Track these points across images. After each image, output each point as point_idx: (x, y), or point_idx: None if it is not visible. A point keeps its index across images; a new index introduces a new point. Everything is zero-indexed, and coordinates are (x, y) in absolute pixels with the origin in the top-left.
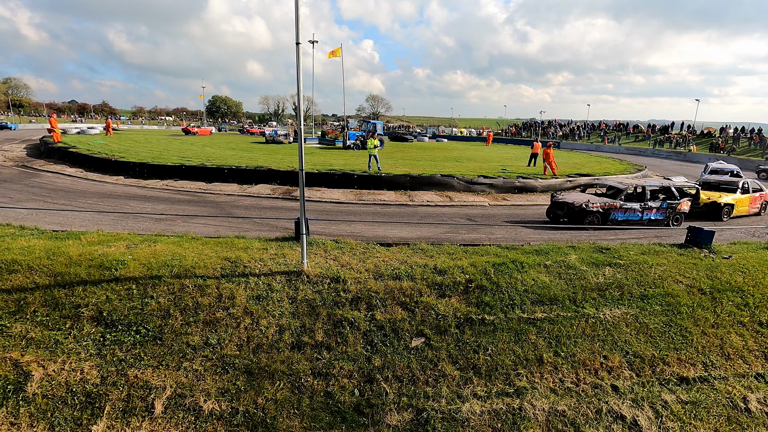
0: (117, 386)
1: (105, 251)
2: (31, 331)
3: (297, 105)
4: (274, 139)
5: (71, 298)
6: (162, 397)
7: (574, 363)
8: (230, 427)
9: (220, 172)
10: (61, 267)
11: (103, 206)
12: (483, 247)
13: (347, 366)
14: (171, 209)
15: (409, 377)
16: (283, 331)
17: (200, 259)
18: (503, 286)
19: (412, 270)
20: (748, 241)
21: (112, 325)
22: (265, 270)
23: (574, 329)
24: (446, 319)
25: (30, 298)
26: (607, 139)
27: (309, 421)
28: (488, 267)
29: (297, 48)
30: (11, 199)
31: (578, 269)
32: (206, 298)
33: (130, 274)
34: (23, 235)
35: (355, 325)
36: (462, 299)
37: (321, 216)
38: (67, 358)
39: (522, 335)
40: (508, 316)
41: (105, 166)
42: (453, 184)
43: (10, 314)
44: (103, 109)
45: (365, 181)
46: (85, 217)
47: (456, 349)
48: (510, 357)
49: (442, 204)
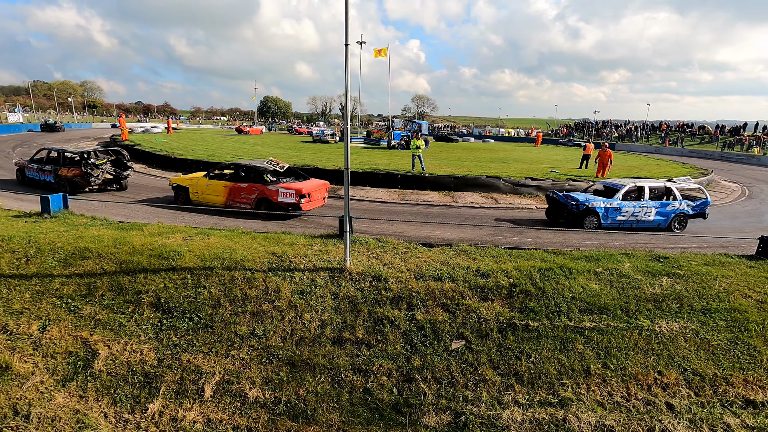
0: (171, 369)
1: (164, 242)
2: (99, 313)
3: (344, 105)
4: (321, 138)
5: (134, 285)
6: (211, 382)
7: (624, 377)
8: (273, 415)
9: None
10: (126, 255)
11: (162, 200)
12: (529, 251)
13: (386, 364)
14: None
15: (448, 379)
16: (325, 326)
17: (249, 253)
18: (549, 292)
19: (455, 271)
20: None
21: (168, 311)
22: (309, 266)
23: (626, 341)
24: (488, 323)
25: (99, 283)
26: (669, 141)
27: (348, 416)
28: (534, 272)
29: (346, 49)
30: (84, 191)
31: (632, 278)
32: (254, 290)
33: (185, 264)
34: (94, 225)
35: (396, 324)
36: (505, 303)
37: (364, 215)
38: (128, 340)
39: (568, 344)
40: (554, 323)
41: (165, 162)
42: (498, 186)
43: (81, 297)
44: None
45: (409, 181)
46: (147, 210)
47: (497, 354)
48: (554, 366)
49: (486, 206)
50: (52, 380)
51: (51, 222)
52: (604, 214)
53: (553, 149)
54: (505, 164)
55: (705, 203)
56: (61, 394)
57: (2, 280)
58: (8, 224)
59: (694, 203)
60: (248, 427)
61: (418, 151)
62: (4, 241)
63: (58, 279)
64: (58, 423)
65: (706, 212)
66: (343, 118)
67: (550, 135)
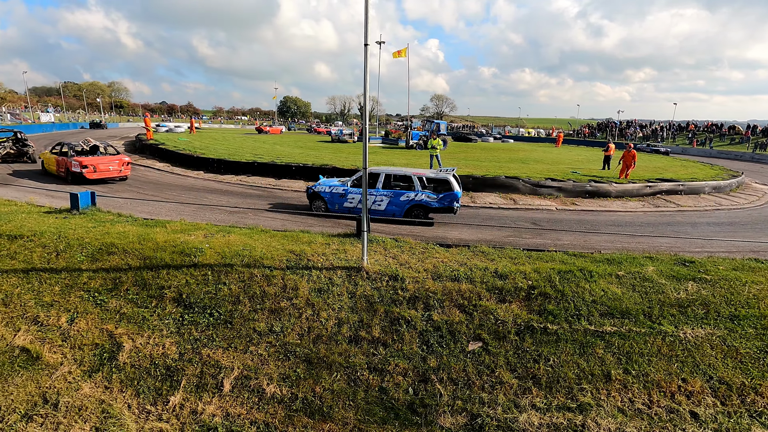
0: (192, 363)
1: (186, 239)
2: (123, 306)
3: (363, 105)
4: (340, 138)
5: (157, 280)
6: (230, 376)
7: (646, 383)
8: (290, 411)
9: (289, 169)
10: (150, 251)
11: (185, 198)
12: (548, 253)
13: (402, 364)
14: (243, 203)
15: (464, 381)
16: (342, 325)
17: (268, 251)
18: (569, 295)
19: (472, 272)
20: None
21: (189, 306)
22: (326, 264)
23: (649, 347)
24: (506, 325)
25: (124, 278)
26: (696, 141)
27: (363, 414)
28: (553, 274)
29: (365, 49)
30: (111, 189)
31: (656, 282)
32: (272, 287)
33: (206, 261)
34: (120, 221)
35: (412, 324)
36: (523, 306)
37: None
38: (151, 334)
39: (588, 348)
40: (573, 326)
41: (188, 161)
42: (518, 186)
43: (107, 291)
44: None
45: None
46: (170, 208)
47: (515, 356)
48: (573, 370)
49: (505, 206)
50: (79, 371)
51: (79, 218)
52: (330, 200)
53: (574, 149)
54: (524, 165)
55: (452, 196)
56: (87, 384)
57: (34, 273)
58: (40, 220)
59: (439, 195)
60: (265, 423)
61: (436, 151)
62: (36, 236)
63: (86, 273)
64: (85, 412)
65: (455, 207)
66: (362, 117)
67: (572, 135)
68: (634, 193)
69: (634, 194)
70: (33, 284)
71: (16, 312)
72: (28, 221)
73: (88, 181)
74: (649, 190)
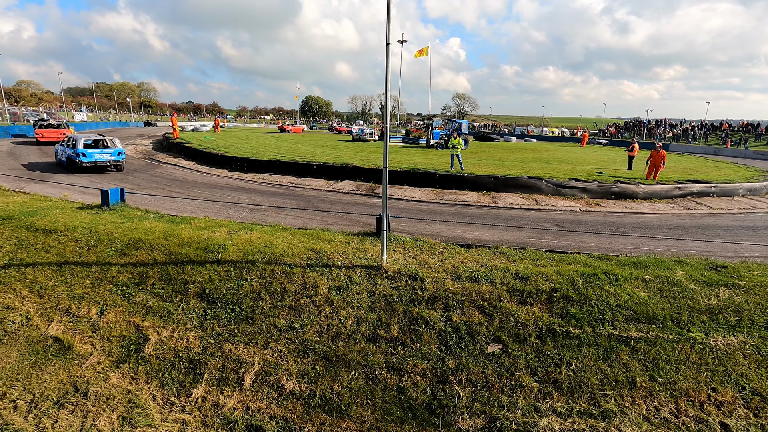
0: (214, 357)
1: (210, 236)
2: (150, 300)
3: (384, 104)
4: (360, 137)
5: (181, 275)
6: (251, 371)
7: (673, 391)
8: (308, 408)
9: (310, 168)
10: (175, 247)
11: (209, 196)
12: (571, 255)
13: (420, 364)
14: (265, 201)
15: (483, 383)
16: (361, 323)
17: (288, 248)
18: (592, 299)
19: (492, 273)
20: None
21: (212, 302)
22: (346, 263)
23: (676, 354)
24: (526, 328)
25: (150, 272)
26: (730, 142)
27: (381, 413)
28: (576, 277)
29: (387, 48)
30: (139, 186)
31: (685, 287)
32: (292, 284)
33: (229, 257)
34: (147, 217)
35: (431, 324)
36: (545, 308)
37: (401, 213)
38: (176, 327)
39: (612, 353)
40: (597, 331)
41: (212, 159)
42: (540, 187)
43: (135, 284)
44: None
45: (447, 180)
46: (195, 205)
47: (535, 360)
48: (596, 375)
49: (527, 207)
50: (107, 361)
51: (109, 214)
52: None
53: (599, 149)
54: (547, 165)
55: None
56: (115, 374)
57: (66, 266)
58: (73, 215)
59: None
60: (285, 418)
61: (457, 151)
62: (69, 231)
63: (115, 267)
64: (112, 401)
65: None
66: (383, 116)
67: (597, 134)
68: (663, 194)
69: (663, 196)
70: (66, 277)
71: (50, 303)
72: (62, 216)
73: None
74: (678, 192)
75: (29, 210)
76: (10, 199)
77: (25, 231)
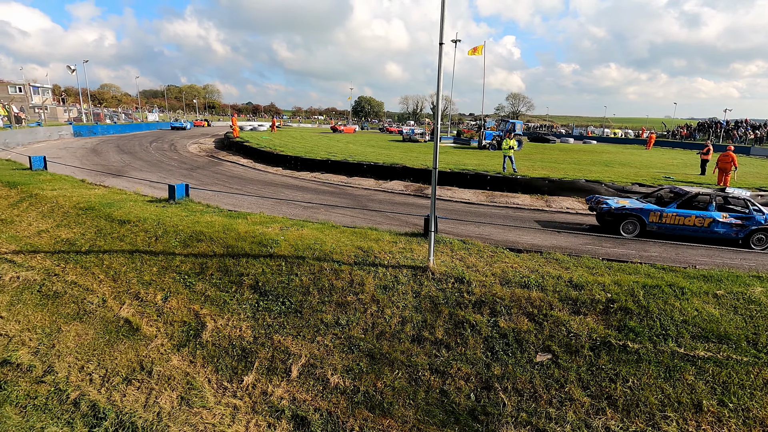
0: (264, 347)
1: (264, 231)
2: (208, 289)
3: (435, 104)
4: (411, 137)
5: (237, 267)
6: (298, 363)
7: (747, 419)
8: (351, 403)
9: (360, 167)
10: (232, 240)
11: (264, 192)
12: (632, 265)
13: (465, 368)
14: (316, 199)
15: (530, 393)
16: (405, 323)
17: (337, 246)
18: (654, 312)
19: (544, 280)
20: None
21: (264, 294)
22: (393, 262)
23: (751, 378)
24: (579, 339)
25: (209, 263)
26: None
27: (423, 415)
28: (637, 288)
29: (440, 49)
30: (202, 182)
31: (764, 305)
32: (340, 281)
33: (281, 252)
34: (208, 212)
35: (477, 328)
36: (600, 320)
37: (450, 215)
38: (230, 316)
39: (675, 373)
40: (658, 347)
41: (268, 158)
42: (599, 191)
43: (195, 274)
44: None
45: (498, 182)
46: (251, 201)
47: (588, 373)
48: (656, 395)
49: (584, 212)
50: (169, 344)
51: (175, 207)
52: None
53: (668, 152)
54: (608, 168)
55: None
56: (176, 357)
57: (137, 254)
58: (144, 208)
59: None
60: (329, 411)
61: (510, 152)
62: (140, 222)
63: (178, 257)
64: (173, 381)
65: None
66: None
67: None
68: None
69: None
70: (136, 264)
71: (123, 287)
72: (135, 209)
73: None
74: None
75: (107, 202)
76: (92, 192)
77: (103, 221)
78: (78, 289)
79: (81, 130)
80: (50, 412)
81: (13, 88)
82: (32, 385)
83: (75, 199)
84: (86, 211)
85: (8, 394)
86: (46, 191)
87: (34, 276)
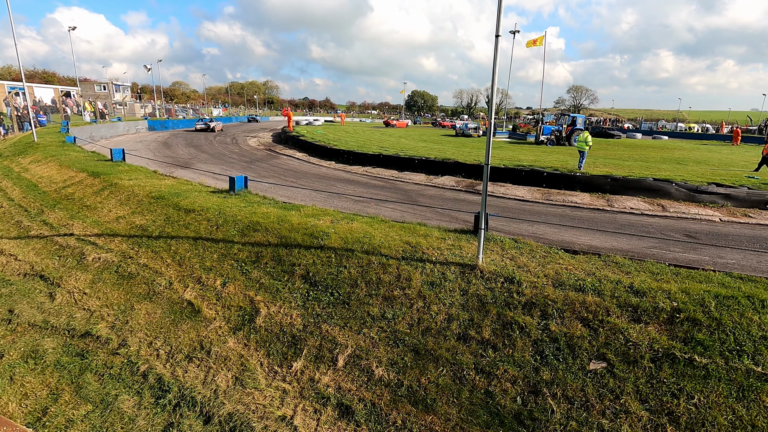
0: (313, 335)
1: (315, 223)
2: (262, 277)
3: (489, 98)
4: (464, 132)
5: (289, 257)
6: (344, 353)
7: None
8: (395, 396)
9: (411, 162)
10: (285, 231)
11: (317, 186)
12: (703, 272)
13: (512, 370)
14: (367, 193)
15: (581, 401)
16: (451, 321)
17: (386, 240)
18: (728, 326)
19: (601, 284)
20: None
21: (314, 284)
22: (440, 259)
23: None
24: (638, 349)
25: (264, 252)
26: None
27: (466, 414)
28: (708, 297)
29: (496, 41)
30: (259, 174)
31: None
32: (387, 275)
33: (331, 244)
34: (264, 203)
35: (526, 330)
36: (663, 330)
37: (502, 213)
38: (282, 304)
39: (750, 393)
40: (731, 364)
41: (322, 152)
42: (669, 191)
43: (251, 262)
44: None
45: (555, 179)
46: (305, 194)
47: (647, 386)
48: (726, 416)
49: (650, 213)
50: (226, 327)
51: (234, 198)
52: None
53: (753, 149)
54: (681, 165)
55: None
56: (232, 339)
57: (200, 241)
58: (207, 198)
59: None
60: (372, 402)
61: (585, 147)
62: (203, 211)
63: (236, 245)
64: (228, 362)
65: None
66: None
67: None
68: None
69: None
70: (199, 250)
71: (187, 272)
72: (199, 199)
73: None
74: None
75: (175, 192)
76: (162, 182)
77: (171, 209)
78: (148, 271)
79: (155, 124)
80: (123, 381)
81: (99, 86)
82: (109, 356)
83: (148, 188)
84: (157, 199)
85: (89, 363)
86: (123, 181)
87: (113, 257)
